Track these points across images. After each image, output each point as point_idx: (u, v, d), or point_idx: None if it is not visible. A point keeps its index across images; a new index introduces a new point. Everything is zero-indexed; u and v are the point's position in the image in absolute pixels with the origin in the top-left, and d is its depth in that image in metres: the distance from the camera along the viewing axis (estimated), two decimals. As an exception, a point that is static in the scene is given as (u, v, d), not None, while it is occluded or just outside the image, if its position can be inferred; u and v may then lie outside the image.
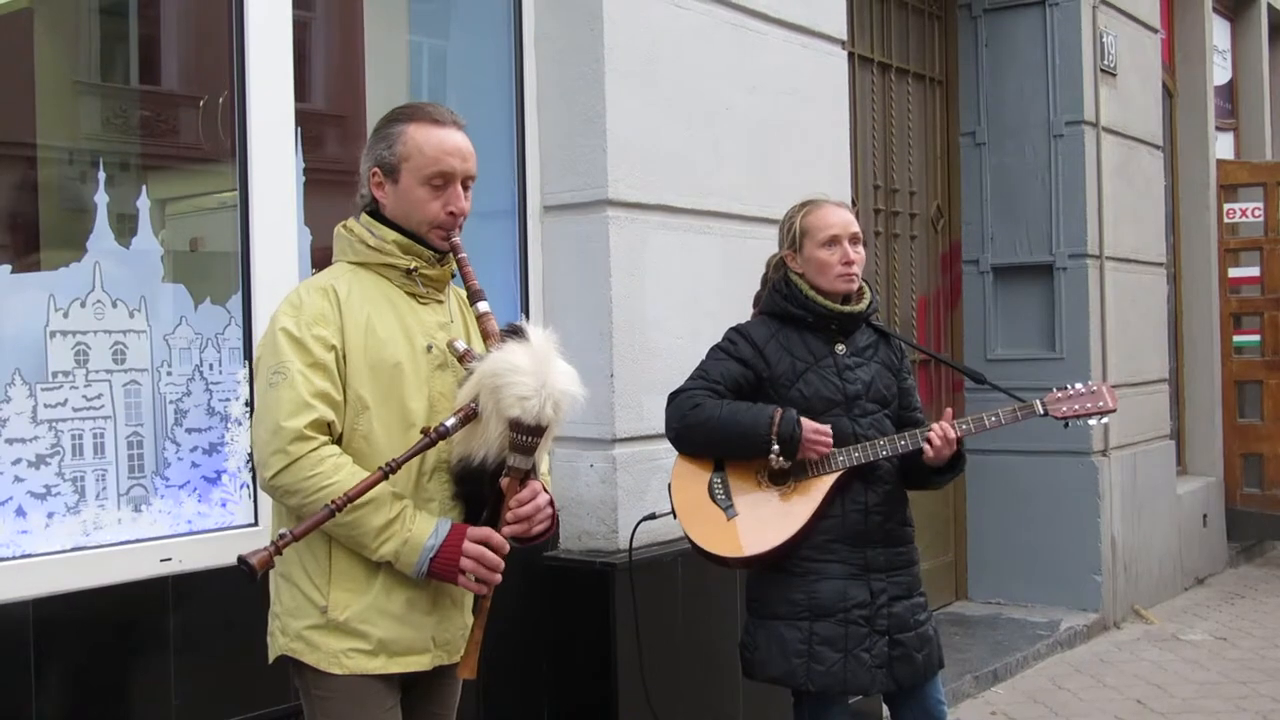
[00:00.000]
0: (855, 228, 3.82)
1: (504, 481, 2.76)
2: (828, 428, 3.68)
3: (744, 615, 3.91)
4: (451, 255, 2.87)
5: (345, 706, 2.76)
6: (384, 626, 2.76)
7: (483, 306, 2.85)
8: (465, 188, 2.87)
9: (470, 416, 2.69)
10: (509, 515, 2.77)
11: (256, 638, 3.51)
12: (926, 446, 3.68)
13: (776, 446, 3.62)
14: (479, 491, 2.80)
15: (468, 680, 2.88)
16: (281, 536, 2.52)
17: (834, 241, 3.77)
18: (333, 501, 2.56)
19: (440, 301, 2.91)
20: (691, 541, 3.77)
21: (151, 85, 4.04)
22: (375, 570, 2.75)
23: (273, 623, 2.84)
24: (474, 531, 2.76)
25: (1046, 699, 6.23)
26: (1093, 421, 3.89)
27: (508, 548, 2.78)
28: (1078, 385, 3.86)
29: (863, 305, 3.84)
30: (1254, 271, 10.13)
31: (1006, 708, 6.09)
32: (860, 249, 3.81)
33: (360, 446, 2.74)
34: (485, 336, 2.82)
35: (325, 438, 2.69)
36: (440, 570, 2.74)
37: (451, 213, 2.83)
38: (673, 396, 3.81)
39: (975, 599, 7.83)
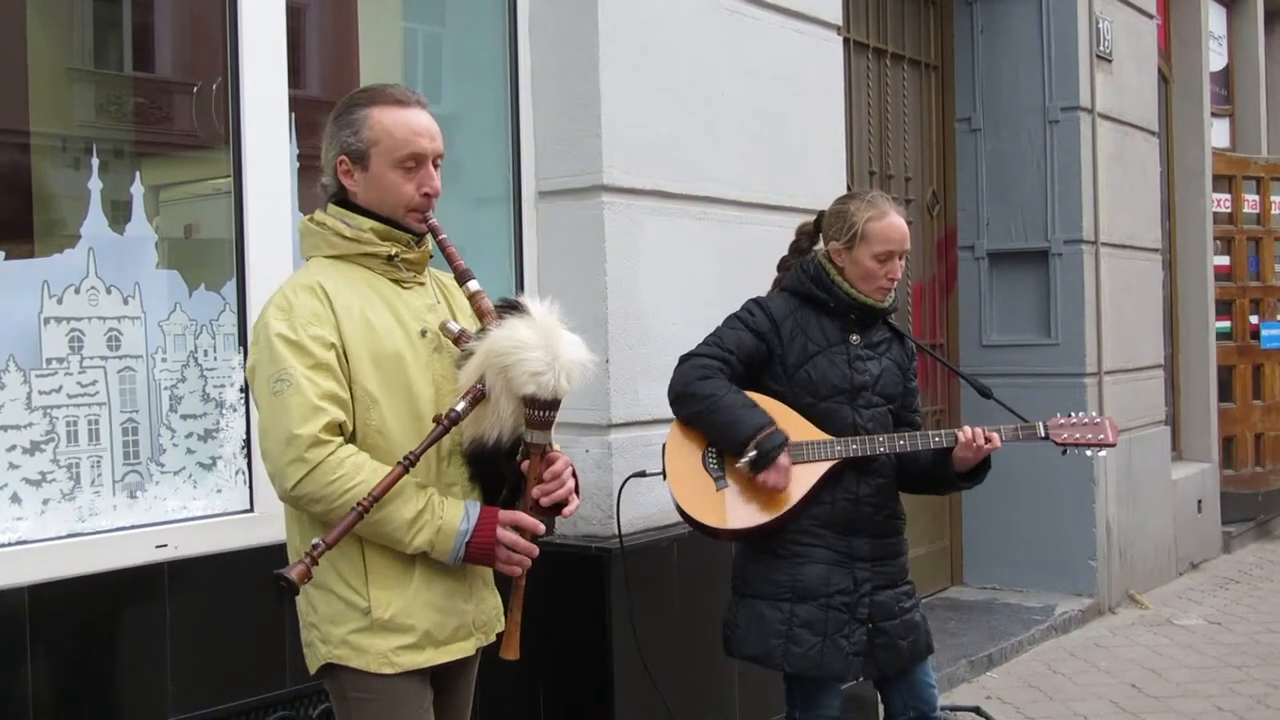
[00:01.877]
0: (908, 243, 3.81)
1: (525, 463, 2.75)
2: (788, 487, 3.67)
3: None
4: (431, 237, 2.84)
5: (385, 708, 2.72)
6: (428, 618, 2.74)
7: (474, 285, 2.81)
8: (435, 166, 2.82)
9: (479, 398, 2.66)
10: (537, 492, 2.76)
11: (252, 623, 3.54)
12: (958, 447, 3.72)
13: (753, 453, 3.62)
14: (494, 471, 2.78)
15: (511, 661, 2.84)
16: (315, 547, 2.48)
17: (889, 256, 3.76)
18: (359, 504, 2.53)
19: (421, 284, 2.88)
20: (678, 506, 3.78)
21: (145, 72, 4.03)
22: (412, 562, 2.72)
23: (309, 634, 2.77)
24: (505, 515, 2.75)
25: (1041, 683, 6.24)
26: (1089, 452, 3.92)
27: (542, 527, 2.78)
28: (1082, 415, 3.90)
29: (886, 302, 3.84)
30: (1224, 260, 10.24)
31: (1001, 692, 6.10)
32: (904, 261, 3.83)
33: (376, 441, 2.70)
34: (481, 315, 2.78)
35: (340, 439, 2.64)
36: (476, 554, 2.72)
37: (426, 194, 2.79)
38: (684, 359, 3.80)
39: (970, 584, 7.85)
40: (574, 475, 2.86)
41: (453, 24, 4.85)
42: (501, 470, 2.79)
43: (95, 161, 3.61)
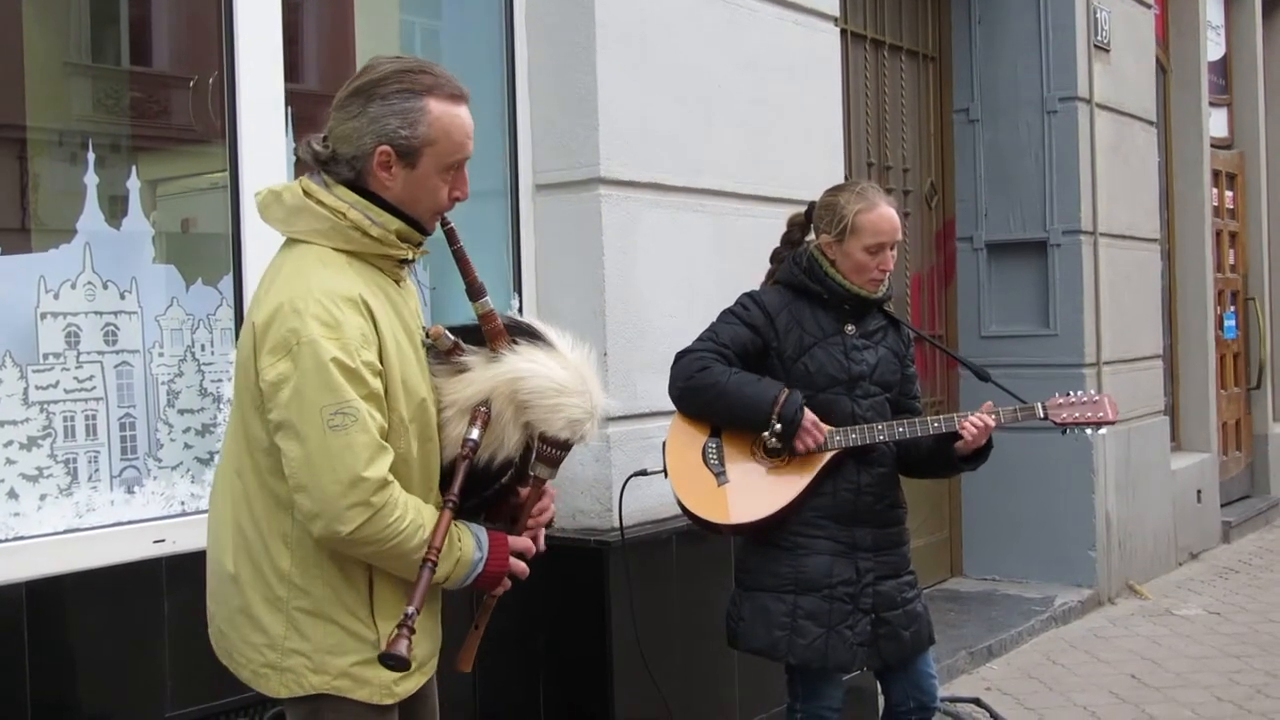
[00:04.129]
0: (899, 233, 3.81)
1: (525, 491, 2.72)
2: (825, 428, 3.69)
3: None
4: (449, 245, 2.68)
5: None
6: (425, 646, 2.67)
7: (488, 303, 2.64)
8: None
9: (487, 421, 2.56)
10: (531, 522, 2.73)
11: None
12: (963, 433, 3.72)
13: (778, 426, 3.62)
14: (469, 490, 2.64)
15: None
16: (409, 616, 2.39)
17: (879, 248, 3.76)
18: (428, 558, 2.46)
19: (405, 280, 2.70)
20: (680, 503, 3.78)
21: (142, 66, 4.03)
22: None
23: (289, 658, 2.55)
24: (516, 542, 2.69)
25: (1041, 674, 6.25)
26: (1089, 431, 3.90)
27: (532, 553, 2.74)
28: (1080, 393, 3.89)
29: (879, 292, 3.84)
30: None
31: (1001, 683, 6.11)
32: (895, 251, 3.82)
33: (399, 469, 2.52)
34: (493, 336, 2.62)
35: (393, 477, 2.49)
36: (486, 582, 2.65)
37: (457, 198, 2.62)
38: (680, 355, 3.80)
39: (970, 575, 7.85)
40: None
41: (449, 17, 4.85)
42: (474, 491, 2.67)
43: (91, 156, 3.61)
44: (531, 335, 2.65)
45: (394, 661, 2.39)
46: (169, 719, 3.47)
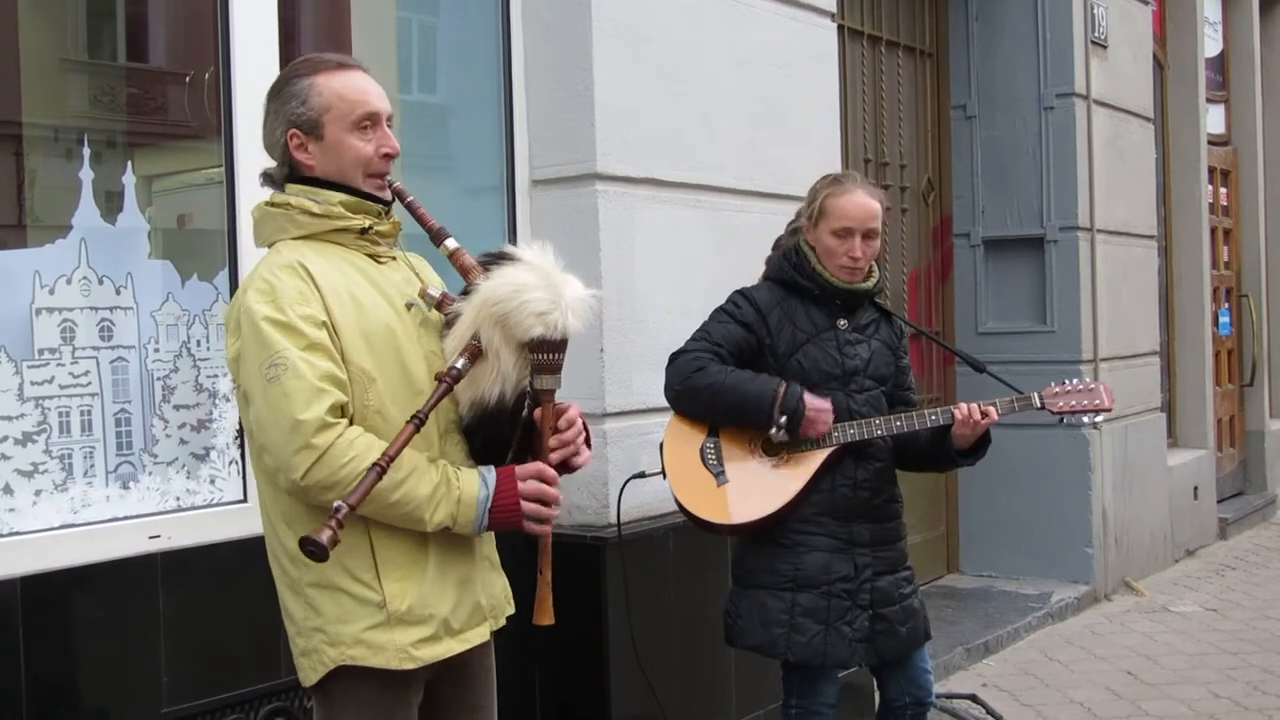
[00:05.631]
0: (873, 222, 3.74)
1: (538, 411, 2.67)
2: (829, 406, 3.67)
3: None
4: (399, 202, 2.73)
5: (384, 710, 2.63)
6: (446, 605, 2.64)
7: (451, 243, 2.70)
8: (389, 127, 2.72)
9: (476, 354, 2.57)
10: (553, 441, 2.67)
11: (246, 615, 3.52)
12: (955, 423, 3.71)
13: (783, 419, 3.61)
14: (500, 434, 2.67)
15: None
16: (338, 509, 2.33)
17: (846, 233, 3.73)
18: (378, 463, 2.40)
19: (394, 259, 2.76)
20: (679, 504, 3.77)
21: (138, 62, 4.02)
22: (424, 550, 2.61)
23: (311, 639, 2.59)
24: (523, 469, 2.64)
25: (1037, 671, 6.25)
26: (1086, 419, 3.90)
27: (557, 478, 2.68)
28: (1075, 381, 3.89)
29: (869, 284, 3.83)
30: None
31: (997, 679, 6.11)
32: (874, 242, 3.76)
33: (375, 422, 2.55)
34: (464, 272, 2.67)
35: (346, 421, 2.50)
36: (501, 518, 2.61)
37: (386, 154, 2.68)
38: (674, 356, 3.79)
39: (967, 572, 7.86)
40: (585, 427, 2.78)
41: (446, 13, 4.84)
42: (505, 434, 2.66)
43: (87, 152, 3.60)
44: (502, 258, 2.68)
45: (310, 547, 2.31)
46: (165, 714, 3.47)
